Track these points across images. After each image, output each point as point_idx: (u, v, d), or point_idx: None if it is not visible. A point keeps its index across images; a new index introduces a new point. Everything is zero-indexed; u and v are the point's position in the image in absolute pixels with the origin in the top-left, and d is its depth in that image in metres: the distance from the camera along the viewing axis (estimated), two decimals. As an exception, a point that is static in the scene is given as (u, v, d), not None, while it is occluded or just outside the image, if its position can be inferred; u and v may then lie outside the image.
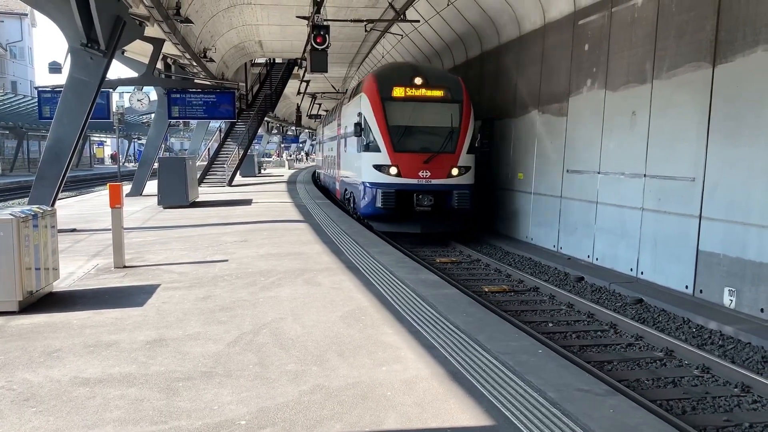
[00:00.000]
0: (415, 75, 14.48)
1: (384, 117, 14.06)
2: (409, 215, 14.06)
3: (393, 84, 14.34)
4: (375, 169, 14.04)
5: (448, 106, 14.36)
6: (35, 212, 6.54)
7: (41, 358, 4.91)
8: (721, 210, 8.67)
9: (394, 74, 14.82)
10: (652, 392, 6.18)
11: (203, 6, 17.50)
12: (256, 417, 3.88)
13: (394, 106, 14.21)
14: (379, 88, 14.32)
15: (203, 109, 21.24)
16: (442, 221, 14.28)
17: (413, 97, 14.30)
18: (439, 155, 13.94)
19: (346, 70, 32.66)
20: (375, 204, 13.95)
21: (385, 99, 14.19)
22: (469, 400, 4.13)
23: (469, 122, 14.33)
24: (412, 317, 6.09)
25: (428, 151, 13.97)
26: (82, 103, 11.07)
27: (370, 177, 14.20)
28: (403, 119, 14.20)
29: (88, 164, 61.82)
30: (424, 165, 13.87)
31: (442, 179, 13.98)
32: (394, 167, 13.87)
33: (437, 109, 14.31)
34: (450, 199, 14.07)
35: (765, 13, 7.93)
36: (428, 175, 13.90)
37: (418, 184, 13.90)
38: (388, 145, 13.91)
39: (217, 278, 7.87)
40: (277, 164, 55.04)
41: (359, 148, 14.70)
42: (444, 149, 14.06)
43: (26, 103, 36.53)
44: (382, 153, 13.96)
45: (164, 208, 16.46)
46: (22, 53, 59.95)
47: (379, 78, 14.64)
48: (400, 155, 13.91)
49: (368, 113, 14.28)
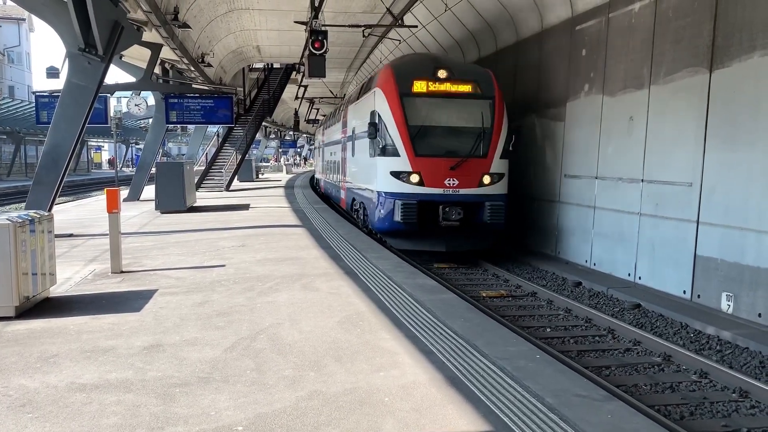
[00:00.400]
0: (438, 67, 12.68)
1: (403, 115, 12.21)
2: (431, 230, 12.29)
3: (413, 77, 12.50)
4: (392, 176, 12.22)
5: (478, 102, 12.53)
6: (32, 217, 6.52)
7: (38, 364, 4.89)
8: (718, 215, 8.68)
9: (414, 66, 13.02)
10: (650, 397, 6.18)
11: (201, 11, 17.53)
12: (254, 423, 3.87)
13: (415, 102, 12.40)
14: (397, 82, 12.46)
15: (201, 114, 21.28)
16: (469, 237, 12.52)
17: (437, 92, 12.48)
18: (468, 160, 12.11)
19: (344, 75, 32.72)
20: (393, 217, 12.13)
21: (404, 95, 12.35)
22: (467, 406, 4.12)
23: (503, 122, 12.49)
24: (410, 322, 6.08)
25: (455, 155, 12.15)
26: (79, 107, 11.05)
27: (386, 186, 12.38)
28: (426, 118, 12.39)
29: (86, 169, 61.79)
30: (450, 172, 12.04)
31: (471, 189, 12.15)
32: (416, 174, 12.06)
33: (465, 107, 12.49)
34: (481, 212, 12.25)
35: (761, 19, 7.97)
36: (455, 184, 12.08)
37: (443, 194, 12.08)
38: (409, 148, 12.09)
39: (214, 283, 7.85)
40: (275, 169, 55.05)
41: (373, 152, 12.92)
42: (474, 153, 12.22)
43: (24, 108, 36.52)
44: (402, 158, 12.13)
45: (162, 213, 16.44)
46: (20, 58, 59.96)
47: (396, 70, 12.79)
48: (422, 160, 12.09)
49: (384, 111, 12.46)
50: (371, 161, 13.06)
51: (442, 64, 12.83)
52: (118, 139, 46.47)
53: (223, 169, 27.18)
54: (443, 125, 12.43)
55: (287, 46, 24.03)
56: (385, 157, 12.42)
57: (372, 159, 12.97)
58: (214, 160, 28.36)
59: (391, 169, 12.25)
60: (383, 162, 12.45)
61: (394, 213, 12.07)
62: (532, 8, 13.85)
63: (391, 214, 12.18)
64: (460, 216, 12.10)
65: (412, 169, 12.07)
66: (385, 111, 12.41)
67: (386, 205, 12.29)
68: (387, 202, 12.27)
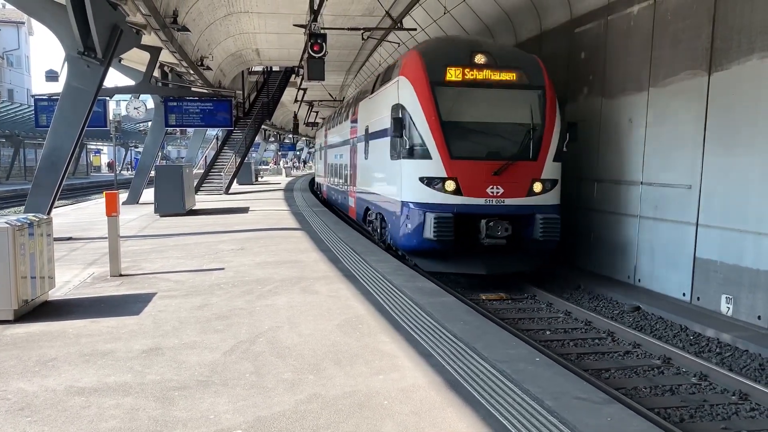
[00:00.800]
0: (475, 51, 10.71)
1: (436, 109, 10.22)
2: (469, 249, 10.34)
3: (446, 63, 10.55)
4: (422, 183, 10.23)
5: (525, 94, 10.63)
6: (31, 221, 6.52)
7: (36, 368, 4.88)
8: (717, 217, 8.68)
9: (447, 50, 11.01)
10: (649, 400, 6.17)
11: (200, 14, 17.55)
12: (253, 426, 3.86)
13: (450, 93, 10.44)
14: (428, 70, 10.48)
15: (200, 117, 21.30)
16: (514, 256, 10.49)
17: (475, 81, 10.51)
18: (514, 164, 10.14)
19: (343, 78, 32.75)
20: (422, 233, 10.12)
21: (436, 84, 10.39)
22: (467, 409, 4.12)
23: (555, 116, 10.57)
24: (409, 325, 6.07)
25: (499, 157, 10.19)
26: (78, 111, 11.06)
27: (414, 194, 10.39)
28: (463, 112, 10.46)
29: (85, 172, 61.74)
30: (493, 178, 10.07)
31: (519, 198, 10.19)
32: (451, 181, 10.07)
33: (509, 99, 10.61)
34: (531, 226, 10.27)
35: (760, 22, 7.98)
36: (499, 193, 10.09)
37: (485, 205, 10.10)
38: (442, 149, 10.11)
39: (213, 287, 7.85)
40: (275, 172, 55.05)
41: (396, 154, 10.94)
42: (522, 155, 10.27)
43: (23, 111, 36.50)
44: (434, 161, 10.13)
45: (161, 216, 16.43)
46: (19, 61, 60.00)
47: (426, 55, 10.76)
48: (459, 164, 10.11)
49: (412, 104, 10.44)
50: (393, 165, 11.18)
51: (480, 48, 10.84)
52: (118, 142, 46.52)
53: (223, 172, 27.17)
54: (484, 121, 10.51)
55: (286, 49, 24.06)
56: (412, 159, 10.45)
57: (394, 162, 11.10)
58: (214, 163, 28.36)
59: (420, 175, 10.28)
60: (410, 166, 10.51)
61: (424, 228, 10.06)
62: (531, 11, 13.87)
63: (419, 230, 10.17)
64: (507, 232, 10.02)
65: (446, 175, 10.09)
66: (413, 104, 10.44)
67: (414, 218, 10.32)
68: (415, 215, 10.29)
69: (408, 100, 10.56)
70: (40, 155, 11.68)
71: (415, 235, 10.29)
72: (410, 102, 10.49)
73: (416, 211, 10.26)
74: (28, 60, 63.15)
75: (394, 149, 11.04)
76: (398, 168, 10.87)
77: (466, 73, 10.52)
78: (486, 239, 10.04)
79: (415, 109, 10.38)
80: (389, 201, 11.64)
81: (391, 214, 11.55)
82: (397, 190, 10.95)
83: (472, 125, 10.48)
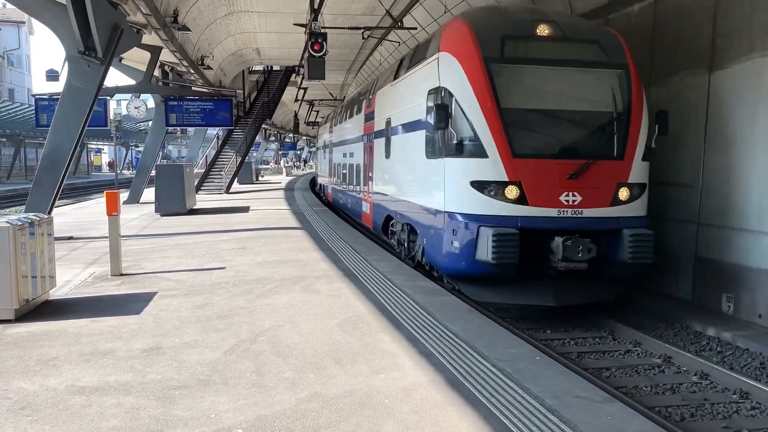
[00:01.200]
0: (538, 21, 8.59)
1: (492, 93, 8.01)
2: (532, 273, 8.08)
3: (503, 34, 8.44)
4: (474, 188, 8.05)
5: (605, 74, 8.43)
6: (32, 220, 6.53)
7: (37, 367, 4.88)
8: (717, 216, 8.67)
9: (500, 20, 8.88)
10: (650, 399, 6.17)
11: (201, 14, 17.55)
12: (254, 425, 3.86)
13: (510, 73, 8.30)
14: (480, 42, 8.31)
15: (201, 117, 21.32)
16: (589, 281, 8.19)
17: (541, 58, 8.34)
18: (595, 164, 7.94)
19: (343, 77, 32.75)
20: (474, 254, 7.92)
21: (491, 60, 8.18)
22: (467, 408, 4.12)
23: (642, 104, 8.39)
24: (410, 324, 6.07)
25: (575, 156, 8.00)
26: (79, 110, 11.06)
27: (462, 203, 8.22)
28: (528, 97, 8.33)
29: (86, 172, 61.82)
30: (568, 183, 7.88)
31: (601, 208, 7.98)
32: (514, 186, 7.87)
33: (585, 81, 8.45)
34: (616, 245, 8.03)
35: (760, 21, 7.98)
36: (576, 202, 7.88)
37: (558, 217, 7.89)
38: (502, 144, 7.90)
39: (214, 286, 7.85)
40: (275, 171, 55.07)
41: (436, 151, 8.79)
42: (604, 153, 8.12)
43: (23, 111, 36.55)
44: (490, 160, 7.93)
45: (161, 215, 16.44)
46: (20, 61, 60.08)
47: (476, 25, 8.59)
48: (524, 164, 7.93)
49: (459, 86, 8.24)
50: (431, 165, 9.03)
51: (545, 18, 8.73)
52: (118, 141, 46.54)
53: (223, 172, 27.19)
54: (556, 108, 8.34)
55: (287, 48, 24.07)
56: (459, 158, 8.23)
57: (433, 162, 8.96)
58: (214, 163, 28.38)
59: (471, 178, 8.07)
60: (457, 166, 8.29)
61: (477, 247, 7.87)
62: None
63: (469, 249, 7.98)
64: (590, 254, 7.73)
65: (507, 178, 7.88)
66: (461, 85, 8.23)
67: (462, 233, 8.12)
68: (464, 230, 8.09)
69: (454, 82, 8.37)
70: (41, 155, 11.68)
71: (463, 255, 8.11)
72: (457, 83, 8.30)
73: (466, 225, 8.06)
74: (29, 59, 63.25)
75: (431, 145, 8.99)
76: (439, 169, 8.67)
77: (529, 48, 8.39)
78: (562, 263, 7.72)
79: (463, 92, 8.16)
80: (425, 210, 9.43)
81: (426, 228, 9.37)
82: (438, 196, 8.74)
83: (541, 114, 8.27)
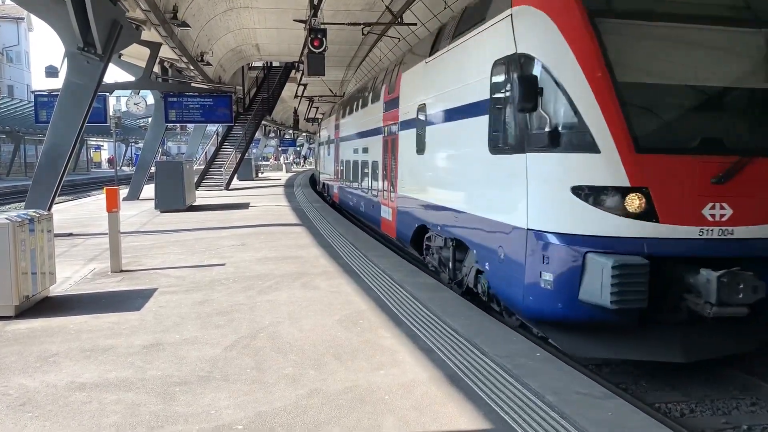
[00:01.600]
0: None
1: (604, 61, 5.61)
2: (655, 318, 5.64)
3: None
4: (577, 196, 5.64)
5: (761, 37, 5.94)
6: (32, 216, 6.52)
7: (37, 363, 4.88)
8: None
9: None
10: (650, 395, 6.17)
11: (200, 9, 17.52)
12: (254, 421, 3.86)
13: (628, 33, 5.87)
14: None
15: (200, 113, 21.32)
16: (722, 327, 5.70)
17: (672, 13, 5.89)
18: (752, 163, 5.62)
19: (343, 73, 32.71)
20: (579, 293, 5.56)
21: (598, 15, 5.77)
22: (468, 404, 4.12)
23: None
24: (410, 320, 6.08)
25: (723, 151, 5.67)
26: (78, 107, 11.05)
27: (558, 218, 5.81)
28: (656, 68, 5.86)
29: (85, 168, 61.76)
30: (714, 189, 5.54)
31: (761, 226, 5.67)
32: (638, 195, 5.48)
33: (740, 45, 6.01)
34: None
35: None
36: (726, 217, 5.55)
37: (701, 239, 5.54)
38: (620, 133, 5.52)
39: (214, 282, 7.85)
40: (275, 168, 55.06)
41: (512, 142, 6.35)
42: (764, 148, 5.77)
43: (23, 107, 36.53)
44: (603, 155, 5.54)
45: (161, 212, 16.43)
46: (19, 57, 59.97)
47: None
48: (653, 162, 5.56)
49: (553, 51, 5.87)
50: (499, 162, 6.69)
51: None
52: (118, 138, 46.50)
53: (223, 168, 27.19)
54: (694, 84, 5.89)
55: (286, 44, 24.03)
56: (552, 152, 5.83)
57: (502, 158, 6.62)
58: (214, 159, 28.38)
59: (573, 182, 5.68)
60: (549, 164, 5.92)
61: (584, 283, 5.54)
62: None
63: (571, 285, 5.61)
64: (757, 295, 5.24)
65: (630, 183, 5.51)
66: (555, 50, 5.84)
67: (558, 262, 5.72)
68: (562, 257, 5.69)
69: (542, 45, 6.00)
70: (41, 151, 11.67)
71: (559, 294, 5.71)
72: (548, 47, 5.93)
73: (565, 251, 5.66)
74: (28, 56, 63.15)
75: (501, 135, 6.58)
76: (515, 168, 6.27)
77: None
78: (714, 307, 5.23)
79: (559, 59, 5.79)
80: (488, 225, 7.02)
81: (490, 250, 6.90)
82: (513, 207, 6.35)
83: (674, 90, 5.86)
